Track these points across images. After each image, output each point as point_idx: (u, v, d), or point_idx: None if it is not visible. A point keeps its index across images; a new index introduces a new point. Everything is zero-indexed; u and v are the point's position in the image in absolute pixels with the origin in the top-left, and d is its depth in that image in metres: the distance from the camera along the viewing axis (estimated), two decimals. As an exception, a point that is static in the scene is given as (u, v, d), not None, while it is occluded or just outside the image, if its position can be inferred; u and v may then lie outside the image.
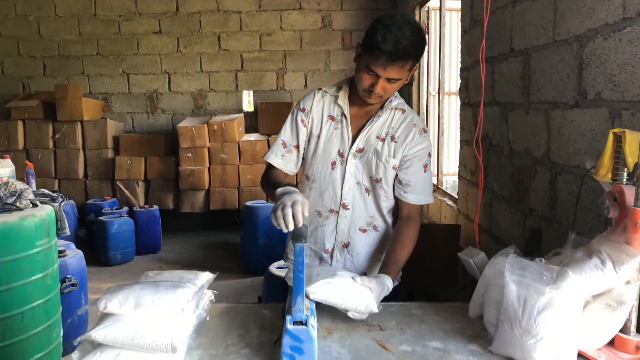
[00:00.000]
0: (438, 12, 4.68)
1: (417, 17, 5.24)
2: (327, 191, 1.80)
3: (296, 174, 1.98)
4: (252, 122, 6.66)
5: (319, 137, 1.80)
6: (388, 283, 1.52)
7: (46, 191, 3.16)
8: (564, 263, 1.22)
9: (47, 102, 6.23)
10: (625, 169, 1.19)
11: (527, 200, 2.27)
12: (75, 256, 3.25)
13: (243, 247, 5.23)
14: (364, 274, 1.70)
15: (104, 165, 6.30)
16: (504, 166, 2.54)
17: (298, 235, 1.29)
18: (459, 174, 3.44)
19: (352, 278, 1.43)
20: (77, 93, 6.14)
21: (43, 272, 2.44)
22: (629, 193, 1.16)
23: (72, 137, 6.19)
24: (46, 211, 2.52)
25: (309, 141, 1.83)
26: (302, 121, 1.81)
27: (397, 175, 1.78)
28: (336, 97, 1.79)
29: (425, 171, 1.79)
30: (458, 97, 3.49)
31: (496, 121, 2.65)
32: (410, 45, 1.54)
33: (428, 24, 5.12)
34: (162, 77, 6.82)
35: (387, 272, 1.59)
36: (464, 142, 3.32)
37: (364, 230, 1.81)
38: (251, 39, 6.75)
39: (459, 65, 3.43)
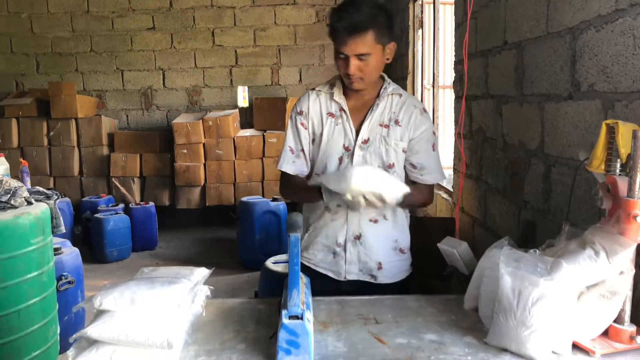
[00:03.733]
0: (432, 5, 4.67)
1: (411, 11, 5.23)
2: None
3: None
4: (247, 118, 6.65)
5: (321, 135, 1.82)
6: (403, 187, 1.58)
7: (41, 189, 3.15)
8: (558, 254, 1.22)
9: (41, 99, 6.20)
10: (619, 160, 1.20)
11: (521, 192, 2.27)
12: (71, 254, 3.24)
13: (239, 243, 5.23)
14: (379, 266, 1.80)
15: (99, 163, 6.28)
16: (498, 159, 2.55)
17: (293, 225, 1.29)
18: (453, 167, 3.44)
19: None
20: (71, 90, 6.11)
21: (39, 270, 2.43)
22: (622, 184, 1.17)
23: (67, 134, 6.17)
24: (41, 209, 2.51)
25: (313, 141, 1.85)
26: (302, 124, 1.84)
27: (407, 160, 1.81)
28: (331, 94, 1.82)
29: (434, 150, 1.83)
30: (452, 90, 3.49)
31: (490, 114, 2.65)
32: (364, 16, 1.61)
33: (422, 17, 5.12)
34: (156, 74, 6.80)
35: None
36: (458, 135, 3.32)
37: (375, 221, 1.81)
38: (245, 34, 6.72)
39: (453, 59, 3.43)
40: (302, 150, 1.85)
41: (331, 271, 1.85)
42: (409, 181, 1.84)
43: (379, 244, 1.83)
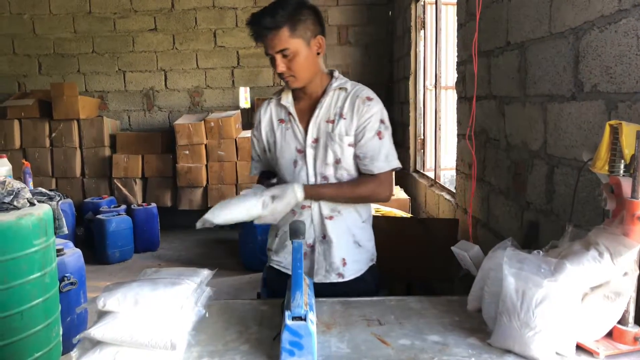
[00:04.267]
0: (434, 6, 4.67)
1: (413, 12, 5.23)
2: None
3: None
4: (249, 119, 6.64)
5: (275, 143, 1.85)
6: (293, 188, 1.66)
7: (43, 190, 3.16)
8: (561, 255, 1.22)
9: (43, 100, 6.21)
10: (622, 161, 1.19)
11: (524, 193, 2.27)
12: (73, 255, 3.24)
13: (241, 244, 5.23)
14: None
15: (101, 164, 6.29)
16: (501, 160, 2.55)
17: (296, 231, 1.29)
18: (456, 168, 3.44)
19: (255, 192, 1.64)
20: (73, 91, 6.12)
21: (41, 271, 2.44)
22: (626, 185, 1.16)
23: (69, 135, 6.18)
24: (44, 210, 2.51)
25: (269, 150, 1.89)
26: (255, 136, 1.93)
27: (354, 151, 1.78)
28: (279, 100, 1.85)
29: (380, 138, 1.75)
30: (455, 91, 3.48)
31: (493, 115, 2.65)
32: (275, 14, 1.66)
33: (424, 18, 5.11)
34: (158, 75, 6.80)
35: (306, 185, 1.72)
36: (461, 136, 3.32)
37: (331, 218, 1.80)
38: (247, 35, 6.68)
39: (456, 60, 3.43)
40: (260, 160, 1.98)
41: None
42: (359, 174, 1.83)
43: (340, 240, 1.82)
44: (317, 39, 1.73)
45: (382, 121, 1.76)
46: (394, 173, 1.89)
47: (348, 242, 1.84)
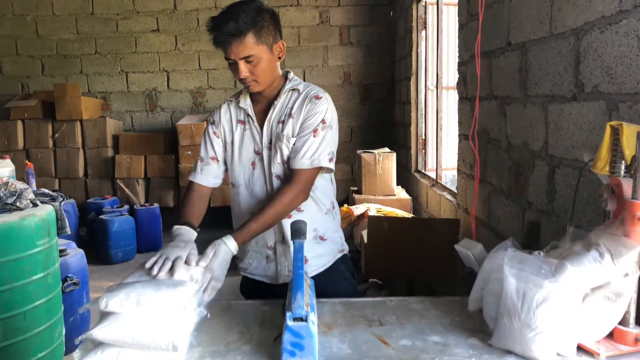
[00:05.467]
0: (435, 6, 4.67)
1: (414, 12, 5.24)
2: (255, 190, 1.82)
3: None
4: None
5: (232, 143, 1.84)
6: (223, 243, 1.58)
7: (46, 191, 3.17)
8: (562, 256, 1.22)
9: (46, 101, 6.22)
10: (623, 162, 1.19)
11: (525, 193, 2.27)
12: (76, 255, 3.25)
13: (244, 244, 5.23)
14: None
15: (104, 164, 6.30)
16: (502, 160, 2.55)
17: (297, 231, 1.29)
18: (458, 168, 3.44)
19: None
20: (76, 92, 6.14)
21: (44, 271, 2.45)
22: (627, 185, 1.16)
23: (72, 136, 6.19)
24: (46, 211, 2.52)
25: (226, 149, 1.87)
26: (214, 133, 1.87)
27: None
28: (238, 102, 1.84)
29: (314, 136, 1.71)
30: (456, 91, 3.49)
31: (494, 115, 2.65)
32: (240, 19, 1.60)
33: (425, 18, 5.12)
34: (160, 75, 6.82)
35: (233, 233, 1.64)
36: (463, 136, 3.32)
37: (290, 216, 1.78)
38: (249, 35, 6.72)
39: (457, 60, 3.43)
40: (213, 158, 1.87)
41: (266, 277, 1.87)
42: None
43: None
44: (278, 44, 1.72)
45: (323, 121, 1.73)
46: (317, 174, 1.77)
47: (308, 238, 1.75)
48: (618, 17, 1.54)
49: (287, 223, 1.77)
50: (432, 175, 4.79)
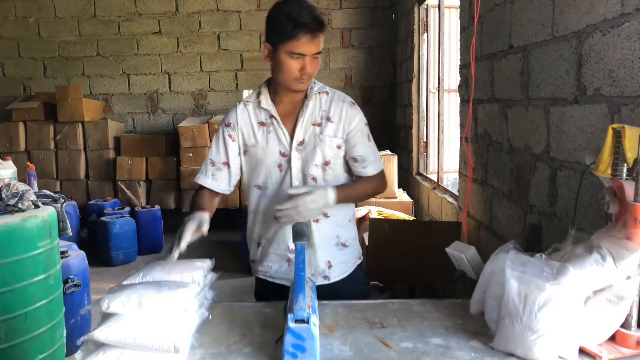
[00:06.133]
0: (437, 9, 4.68)
1: (416, 15, 5.24)
2: (280, 193, 1.80)
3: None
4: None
5: (255, 146, 1.80)
6: (326, 191, 1.65)
7: (48, 192, 3.18)
8: (564, 259, 1.22)
9: (48, 103, 6.23)
10: (625, 165, 1.19)
11: (527, 196, 2.27)
12: (77, 257, 3.26)
13: (245, 246, 5.20)
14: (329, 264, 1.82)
15: (105, 166, 6.31)
16: (504, 163, 2.55)
17: (299, 233, 1.29)
18: (459, 171, 3.44)
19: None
20: (78, 94, 6.14)
21: (45, 273, 2.45)
22: (629, 188, 1.16)
23: (73, 138, 6.20)
24: (48, 212, 2.52)
25: (246, 153, 1.83)
26: (230, 136, 1.82)
27: (347, 154, 1.82)
28: (259, 102, 1.81)
29: (369, 140, 1.84)
30: (458, 94, 3.49)
31: (496, 118, 2.65)
32: (319, 16, 1.64)
33: (427, 21, 5.12)
34: (162, 77, 6.83)
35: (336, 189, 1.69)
36: (464, 139, 3.32)
37: (317, 220, 1.80)
38: (251, 38, 6.74)
39: (459, 63, 3.43)
40: (225, 163, 1.82)
41: (287, 280, 1.82)
42: (351, 175, 1.88)
43: (324, 243, 1.82)
44: None
45: (366, 124, 1.84)
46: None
47: (332, 244, 1.84)
48: (620, 19, 1.54)
49: (315, 226, 1.80)
50: (434, 178, 4.78)
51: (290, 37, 1.62)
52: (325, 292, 1.70)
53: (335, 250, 1.84)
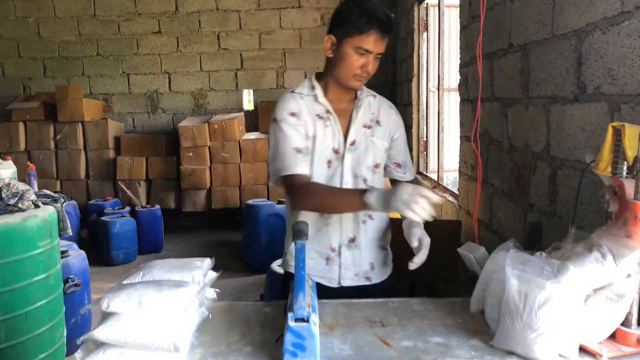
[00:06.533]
0: (437, 8, 4.67)
1: (416, 14, 5.24)
2: None
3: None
4: (252, 121, 6.66)
5: (314, 138, 1.73)
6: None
7: (48, 192, 3.17)
8: (564, 257, 1.22)
9: (48, 103, 6.24)
10: (625, 163, 1.19)
11: (527, 195, 2.27)
12: (77, 256, 3.26)
13: (245, 246, 5.24)
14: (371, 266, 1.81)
15: (106, 166, 6.31)
16: (504, 161, 2.54)
17: (299, 232, 1.29)
18: (459, 170, 3.44)
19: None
20: (78, 94, 6.15)
21: (46, 272, 2.45)
22: (629, 186, 1.16)
23: (73, 137, 6.20)
24: (48, 212, 2.52)
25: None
26: (299, 125, 1.72)
27: (390, 159, 1.86)
28: (315, 96, 1.77)
29: (407, 147, 1.92)
30: (458, 93, 3.48)
31: (495, 117, 2.65)
32: (392, 18, 1.66)
33: (427, 20, 5.12)
34: (162, 77, 6.83)
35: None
36: (464, 138, 3.31)
37: (364, 222, 1.79)
38: (251, 37, 6.74)
39: (459, 62, 3.43)
40: (307, 148, 1.72)
41: (324, 278, 1.78)
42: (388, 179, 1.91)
43: (369, 245, 1.82)
44: None
45: (404, 131, 1.90)
46: None
47: (375, 246, 1.84)
48: (620, 18, 1.54)
49: (362, 227, 1.79)
50: (434, 177, 4.78)
51: (360, 31, 1.62)
52: (366, 294, 1.69)
53: (377, 252, 1.84)
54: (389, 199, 1.43)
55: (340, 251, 1.78)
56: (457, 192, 3.61)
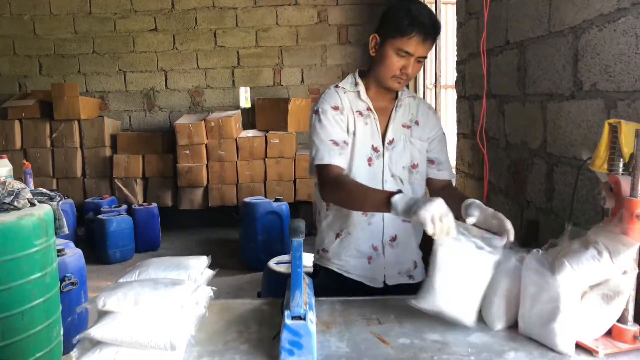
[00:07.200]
0: (433, 5, 4.67)
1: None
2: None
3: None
4: (249, 119, 6.65)
5: (354, 134, 1.74)
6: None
7: (44, 190, 3.16)
8: (561, 254, 1.22)
9: (44, 101, 6.21)
10: (621, 160, 1.19)
11: (524, 192, 2.27)
12: (74, 255, 3.25)
13: (242, 243, 5.24)
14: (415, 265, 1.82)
15: (102, 164, 6.29)
16: (501, 159, 2.55)
17: (296, 230, 1.29)
18: (456, 167, 3.44)
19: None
20: (74, 92, 6.12)
21: (42, 271, 2.44)
22: (625, 183, 1.16)
23: (70, 135, 6.18)
24: (44, 210, 2.51)
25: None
26: (341, 119, 1.72)
27: (427, 157, 1.84)
28: (357, 93, 1.77)
29: (445, 147, 1.88)
30: (454, 90, 3.49)
31: (492, 114, 2.65)
32: (438, 21, 1.64)
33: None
34: (158, 75, 6.80)
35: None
36: (461, 135, 3.32)
37: (404, 220, 1.76)
38: (247, 35, 6.73)
39: (455, 59, 3.43)
40: (345, 142, 1.70)
41: (366, 277, 1.78)
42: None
43: (411, 243, 1.82)
44: None
45: (444, 133, 1.89)
46: None
47: (415, 245, 1.85)
48: (616, 15, 1.54)
49: (403, 226, 1.77)
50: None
51: (402, 33, 1.62)
52: (409, 293, 1.62)
53: (417, 251, 1.85)
54: (416, 207, 1.32)
55: (384, 250, 1.78)
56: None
